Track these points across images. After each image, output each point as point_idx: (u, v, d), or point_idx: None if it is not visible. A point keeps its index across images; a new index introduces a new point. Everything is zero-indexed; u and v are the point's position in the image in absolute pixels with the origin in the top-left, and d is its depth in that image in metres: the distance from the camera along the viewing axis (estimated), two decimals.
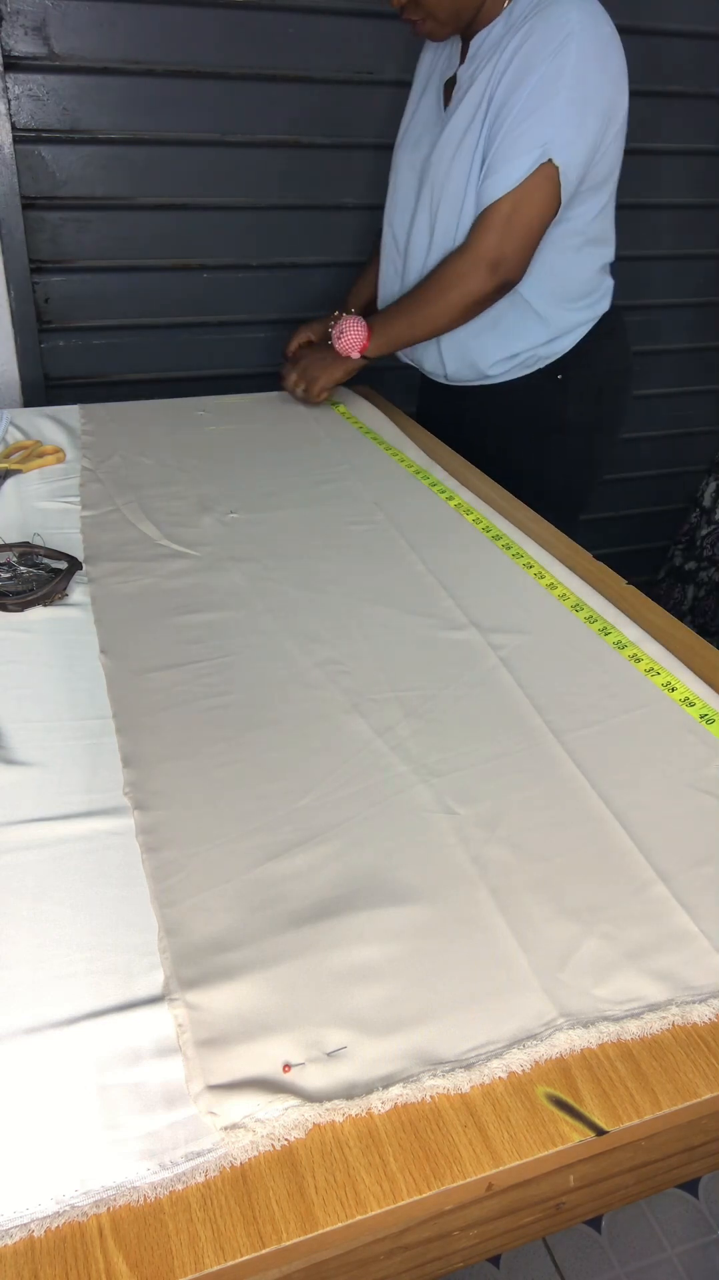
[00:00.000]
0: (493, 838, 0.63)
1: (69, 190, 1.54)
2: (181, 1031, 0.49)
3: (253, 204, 1.66)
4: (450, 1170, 0.44)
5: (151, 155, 1.56)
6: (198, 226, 1.64)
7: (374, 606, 0.90)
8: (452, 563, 0.98)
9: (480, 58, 1.20)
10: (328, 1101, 0.46)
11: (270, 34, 1.53)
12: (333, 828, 0.63)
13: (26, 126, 1.47)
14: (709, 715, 0.75)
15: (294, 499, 1.13)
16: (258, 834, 0.62)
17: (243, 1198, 0.43)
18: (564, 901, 0.58)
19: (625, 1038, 0.50)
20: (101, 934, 0.55)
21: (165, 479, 1.17)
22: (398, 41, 1.59)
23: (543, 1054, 0.49)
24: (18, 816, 0.63)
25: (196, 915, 0.56)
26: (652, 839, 0.63)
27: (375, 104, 1.63)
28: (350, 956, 0.54)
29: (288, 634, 0.85)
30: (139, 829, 0.62)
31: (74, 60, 1.45)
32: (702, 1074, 0.49)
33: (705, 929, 0.56)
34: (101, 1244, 0.41)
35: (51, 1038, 0.49)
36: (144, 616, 0.87)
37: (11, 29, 1.41)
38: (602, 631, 0.85)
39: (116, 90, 1.50)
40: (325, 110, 1.62)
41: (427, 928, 0.56)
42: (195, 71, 1.52)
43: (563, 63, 1.11)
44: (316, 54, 1.57)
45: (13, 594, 0.87)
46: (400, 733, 0.72)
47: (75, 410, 1.37)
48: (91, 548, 0.99)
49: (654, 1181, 0.55)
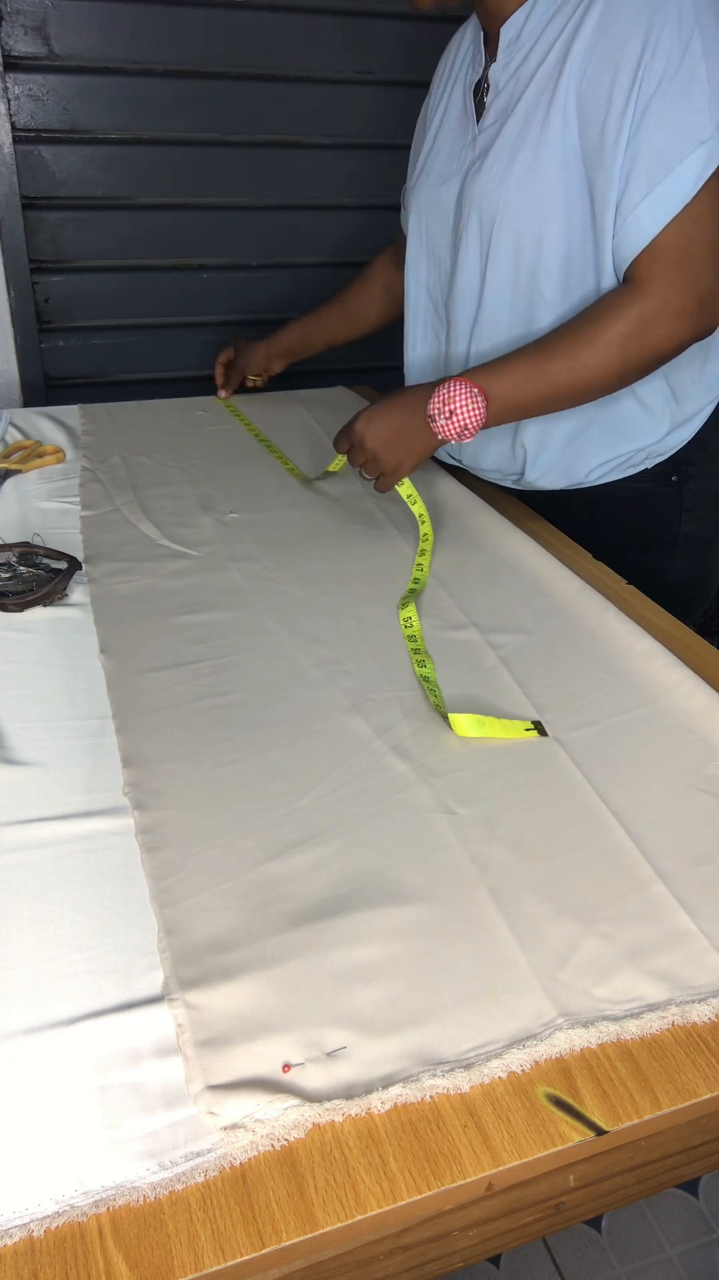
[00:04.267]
0: (493, 838, 0.63)
1: (69, 190, 1.54)
2: (181, 1031, 0.49)
3: (253, 204, 1.66)
4: (450, 1170, 0.44)
5: (151, 155, 1.56)
6: (197, 226, 1.64)
7: (374, 606, 0.90)
8: (452, 562, 0.98)
9: (520, 47, 0.95)
10: (328, 1101, 0.46)
11: (270, 34, 1.53)
12: (333, 828, 0.63)
13: (26, 126, 1.48)
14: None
15: (294, 499, 1.13)
16: (258, 834, 0.62)
17: (243, 1198, 0.43)
18: (564, 901, 0.58)
19: (625, 1038, 0.50)
20: (101, 934, 0.55)
21: (165, 479, 1.17)
22: (398, 41, 1.59)
23: (543, 1054, 0.49)
24: (18, 816, 0.63)
25: (196, 915, 0.56)
26: (651, 839, 0.63)
27: (375, 104, 1.64)
28: (350, 956, 0.54)
29: (288, 634, 0.85)
30: (139, 829, 0.62)
31: (74, 60, 1.45)
32: (702, 1074, 0.49)
33: (705, 928, 0.56)
34: (101, 1244, 0.41)
35: (51, 1038, 0.49)
36: (144, 616, 0.87)
37: (11, 29, 1.41)
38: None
39: (116, 90, 1.50)
40: (325, 110, 1.62)
41: (426, 928, 0.56)
42: (195, 71, 1.52)
43: (682, 25, 0.83)
44: (317, 54, 1.57)
45: (13, 594, 0.87)
46: (400, 733, 0.72)
47: (75, 410, 1.37)
48: (91, 548, 0.99)
49: (654, 1181, 0.55)
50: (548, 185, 0.93)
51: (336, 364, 1.78)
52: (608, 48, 0.86)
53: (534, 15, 0.93)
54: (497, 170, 0.96)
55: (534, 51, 0.93)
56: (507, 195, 0.95)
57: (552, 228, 0.94)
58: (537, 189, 0.93)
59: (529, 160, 0.93)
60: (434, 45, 1.54)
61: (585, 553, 1.00)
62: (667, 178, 0.86)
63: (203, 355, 1.74)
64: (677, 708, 0.76)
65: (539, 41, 0.93)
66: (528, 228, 0.95)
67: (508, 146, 0.95)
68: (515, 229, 0.96)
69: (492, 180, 0.97)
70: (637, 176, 0.87)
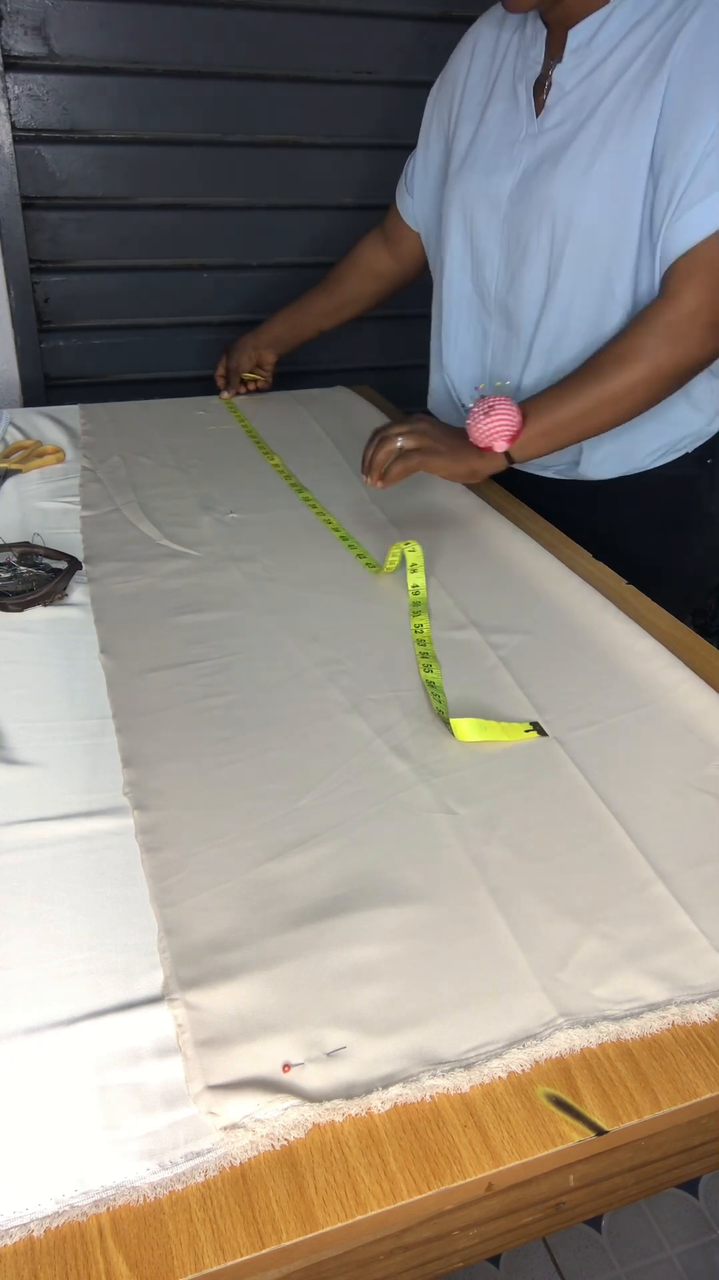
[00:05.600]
0: (493, 838, 0.63)
1: (69, 190, 1.54)
2: (181, 1031, 0.49)
3: (253, 204, 1.66)
4: (450, 1170, 0.44)
5: (151, 155, 1.56)
6: (197, 226, 1.64)
7: (374, 606, 0.90)
8: (451, 561, 0.98)
9: (593, 52, 0.96)
10: (328, 1101, 0.46)
11: (270, 34, 1.53)
12: (333, 828, 0.63)
13: (26, 126, 1.48)
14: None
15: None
16: (258, 834, 0.62)
17: (243, 1198, 0.43)
18: (564, 901, 0.58)
19: (625, 1037, 0.50)
20: (101, 934, 0.55)
21: (165, 479, 1.16)
22: (398, 41, 1.59)
23: (543, 1054, 0.49)
24: (18, 816, 0.63)
25: (196, 915, 0.56)
26: (651, 839, 0.63)
27: (375, 104, 1.64)
28: (350, 956, 0.54)
29: (288, 634, 0.85)
30: (139, 829, 0.62)
31: (74, 60, 1.45)
32: (702, 1074, 0.49)
33: (705, 928, 0.56)
34: (101, 1244, 0.41)
35: (51, 1038, 0.49)
36: (144, 616, 0.87)
37: (11, 29, 1.41)
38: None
39: (116, 90, 1.50)
40: (325, 110, 1.62)
41: (426, 928, 0.56)
42: (195, 71, 1.52)
43: None
44: (316, 54, 1.57)
45: (13, 594, 0.87)
46: (400, 733, 0.72)
47: (75, 410, 1.37)
48: (91, 548, 0.99)
49: (654, 1181, 0.55)
50: (629, 189, 0.94)
51: (337, 364, 1.79)
52: (704, 58, 0.88)
53: (611, 22, 0.94)
54: (574, 172, 0.97)
55: (613, 58, 0.95)
56: (585, 197, 0.96)
57: (629, 232, 0.96)
58: (617, 192, 0.95)
59: (612, 164, 0.95)
60: (434, 45, 1.55)
61: (585, 553, 1.00)
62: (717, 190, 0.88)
63: (203, 355, 1.74)
64: (677, 708, 0.76)
65: (619, 48, 0.94)
66: (606, 230, 0.97)
67: (587, 149, 0.96)
68: (592, 230, 0.97)
69: (569, 181, 0.97)
70: (700, 178, 0.89)
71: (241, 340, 1.43)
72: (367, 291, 1.37)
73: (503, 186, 1.05)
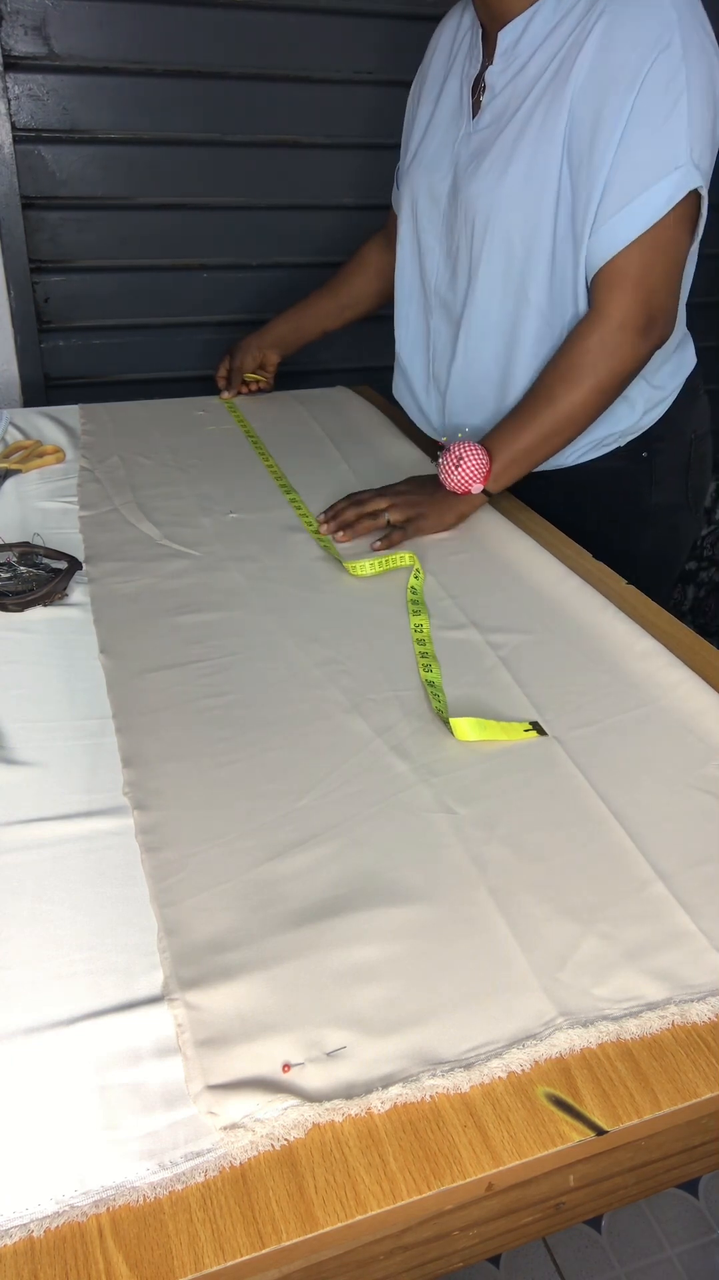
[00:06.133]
0: (493, 838, 0.63)
1: (69, 190, 1.54)
2: (181, 1031, 0.49)
3: (253, 204, 1.66)
4: (450, 1170, 0.44)
5: (151, 155, 1.56)
6: (197, 226, 1.64)
7: (374, 606, 0.90)
8: (451, 561, 0.98)
9: (519, 54, 0.97)
10: (328, 1101, 0.46)
11: (270, 34, 1.53)
12: (333, 828, 0.63)
13: (26, 126, 1.47)
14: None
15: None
16: (258, 834, 0.62)
17: (243, 1198, 0.43)
18: (564, 901, 0.58)
19: (625, 1037, 0.50)
20: (101, 934, 0.55)
21: (165, 479, 1.16)
22: (398, 41, 1.58)
23: (543, 1054, 0.49)
24: (18, 816, 0.63)
25: (196, 915, 0.56)
26: (651, 839, 0.63)
27: (375, 104, 1.63)
28: (350, 956, 0.54)
29: (288, 634, 0.85)
30: (139, 829, 0.62)
31: (74, 60, 1.45)
32: (702, 1074, 0.49)
33: (705, 928, 0.56)
34: (101, 1244, 0.41)
35: (51, 1038, 0.49)
36: (144, 616, 0.87)
37: (11, 29, 1.41)
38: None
39: (116, 90, 1.50)
40: (325, 110, 1.62)
41: (426, 928, 0.56)
42: (195, 71, 1.52)
43: (672, 58, 0.87)
44: (316, 54, 1.57)
45: (13, 594, 0.87)
46: (400, 732, 0.72)
47: (75, 410, 1.37)
48: (91, 548, 0.99)
49: (654, 1181, 0.55)
50: (540, 193, 0.96)
51: (337, 364, 1.79)
52: (608, 66, 0.89)
53: (534, 25, 0.95)
54: (492, 175, 0.99)
55: (534, 61, 0.96)
56: (500, 200, 0.99)
57: (542, 236, 0.98)
58: (529, 196, 0.97)
59: (525, 168, 0.96)
60: None
61: (585, 553, 1.00)
62: (641, 195, 0.90)
63: (203, 355, 1.73)
64: (676, 708, 0.76)
65: (539, 51, 0.95)
66: (519, 234, 0.99)
67: (504, 152, 0.98)
68: (506, 233, 1.00)
69: (487, 184, 1.00)
70: (614, 191, 0.91)
71: (245, 341, 1.43)
72: (371, 291, 1.38)
73: (443, 185, 1.07)
